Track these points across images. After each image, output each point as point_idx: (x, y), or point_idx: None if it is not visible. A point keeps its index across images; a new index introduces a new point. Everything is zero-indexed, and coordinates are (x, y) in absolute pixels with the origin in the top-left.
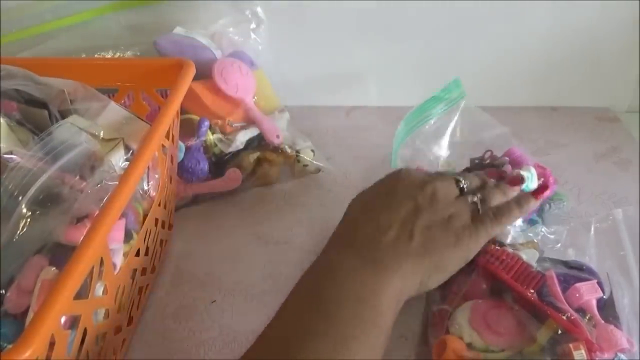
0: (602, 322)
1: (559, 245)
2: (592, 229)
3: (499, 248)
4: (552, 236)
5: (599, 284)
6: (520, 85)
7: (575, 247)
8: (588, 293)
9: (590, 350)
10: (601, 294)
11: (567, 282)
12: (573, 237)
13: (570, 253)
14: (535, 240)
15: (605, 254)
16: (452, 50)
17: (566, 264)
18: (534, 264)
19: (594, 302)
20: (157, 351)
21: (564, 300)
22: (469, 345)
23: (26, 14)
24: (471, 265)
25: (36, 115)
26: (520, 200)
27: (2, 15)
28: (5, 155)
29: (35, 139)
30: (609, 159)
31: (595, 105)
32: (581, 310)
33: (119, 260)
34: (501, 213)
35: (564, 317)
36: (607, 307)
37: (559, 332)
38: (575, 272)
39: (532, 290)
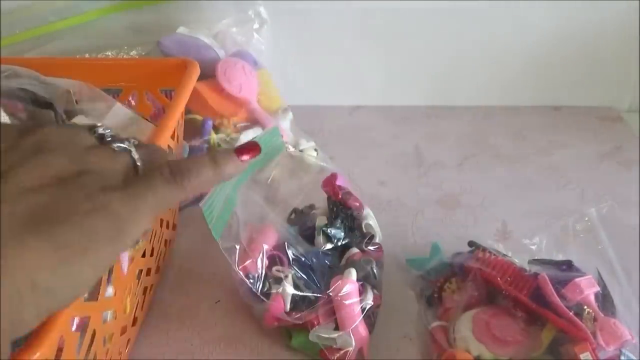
0: (603, 315)
1: (542, 252)
2: (571, 231)
3: (489, 255)
4: (533, 247)
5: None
6: (523, 84)
7: (557, 251)
8: (587, 288)
9: (593, 349)
10: (598, 289)
11: (559, 283)
12: (554, 242)
13: (554, 257)
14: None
15: (586, 253)
16: (454, 49)
17: (556, 263)
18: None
19: (592, 297)
20: (161, 351)
21: (559, 302)
22: (477, 358)
23: (31, 15)
24: (465, 277)
25: (42, 116)
26: (216, 155)
27: (6, 17)
28: None
29: None
30: (612, 158)
31: (597, 104)
32: (579, 305)
33: (126, 261)
34: (181, 171)
35: (564, 320)
36: (605, 301)
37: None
38: (565, 272)
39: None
